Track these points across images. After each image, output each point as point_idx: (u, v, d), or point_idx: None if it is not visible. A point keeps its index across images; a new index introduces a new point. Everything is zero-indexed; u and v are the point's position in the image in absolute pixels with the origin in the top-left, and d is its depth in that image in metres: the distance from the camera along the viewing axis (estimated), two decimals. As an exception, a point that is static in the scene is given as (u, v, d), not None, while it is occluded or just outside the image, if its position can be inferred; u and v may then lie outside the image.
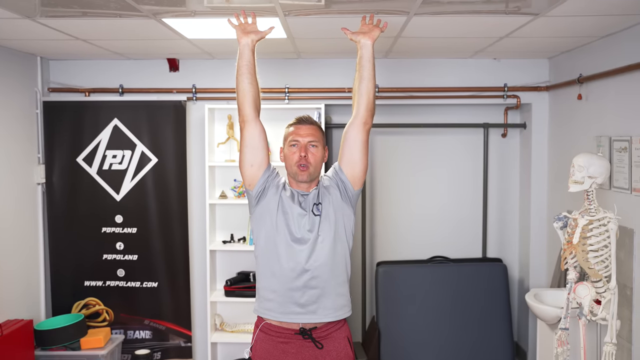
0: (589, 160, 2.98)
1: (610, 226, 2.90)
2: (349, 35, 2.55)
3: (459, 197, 4.99)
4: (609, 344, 2.92)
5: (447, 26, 3.35)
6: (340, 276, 2.50)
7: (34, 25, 3.24)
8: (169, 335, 4.53)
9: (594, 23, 3.23)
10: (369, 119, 2.49)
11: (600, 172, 2.98)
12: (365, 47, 2.50)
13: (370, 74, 2.48)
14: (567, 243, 3.04)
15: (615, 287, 2.91)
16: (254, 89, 2.48)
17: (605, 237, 2.93)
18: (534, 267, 4.66)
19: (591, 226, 2.96)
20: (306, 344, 2.46)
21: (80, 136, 4.43)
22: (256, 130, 2.46)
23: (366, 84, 2.48)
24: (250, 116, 2.46)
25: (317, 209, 2.45)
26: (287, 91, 4.54)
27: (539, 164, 4.62)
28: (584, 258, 2.95)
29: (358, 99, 2.49)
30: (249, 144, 2.47)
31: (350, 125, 2.50)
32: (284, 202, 2.46)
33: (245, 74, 2.45)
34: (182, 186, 4.45)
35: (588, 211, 3.00)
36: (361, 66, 2.50)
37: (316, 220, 2.44)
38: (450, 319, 4.52)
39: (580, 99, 3.98)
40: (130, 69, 4.58)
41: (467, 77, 4.61)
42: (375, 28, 2.54)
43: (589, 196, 3.00)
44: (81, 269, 4.49)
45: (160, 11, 2.96)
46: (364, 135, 2.49)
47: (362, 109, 2.48)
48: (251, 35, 2.49)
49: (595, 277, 2.96)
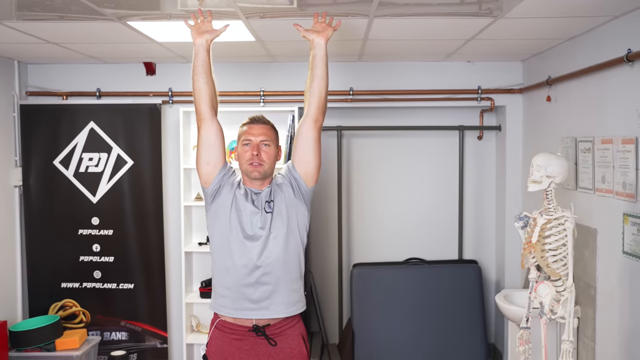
0: (547, 160, 3.01)
1: (567, 225, 2.93)
2: (302, 33, 2.57)
3: (436, 199, 5.03)
4: (566, 341, 2.94)
5: (410, 28, 3.38)
6: (293, 272, 2.52)
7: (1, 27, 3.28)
8: (145, 336, 4.55)
9: (554, 25, 3.27)
10: (320, 117, 2.52)
11: (559, 172, 3.00)
12: (318, 46, 2.52)
13: (323, 72, 2.51)
14: (526, 242, 3.06)
15: (572, 285, 2.94)
16: (210, 88, 2.52)
17: (563, 236, 2.95)
18: (509, 269, 4.69)
19: (549, 225, 2.98)
20: (260, 341, 2.49)
21: (57, 139, 4.47)
22: (213, 128, 2.50)
23: (318, 82, 2.51)
24: (207, 115, 2.50)
25: (269, 206, 2.49)
26: (262, 94, 4.58)
27: (514, 166, 4.66)
28: (542, 257, 2.97)
29: (310, 97, 2.52)
30: (205, 142, 2.51)
31: (302, 124, 2.54)
32: (237, 200, 2.50)
33: (200, 73, 2.50)
34: (157, 188, 4.49)
35: (547, 210, 3.03)
36: (314, 65, 2.52)
37: (268, 218, 2.47)
38: (424, 321, 4.54)
39: (550, 101, 4.02)
40: (108, 72, 4.63)
41: (442, 80, 4.65)
42: (328, 27, 2.56)
43: (548, 195, 3.02)
44: (58, 271, 4.52)
45: (124, 14, 3.00)
46: (315, 132, 2.52)
47: (313, 107, 2.50)
48: (205, 35, 2.53)
49: (553, 275, 2.98)
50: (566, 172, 3.04)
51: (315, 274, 5.06)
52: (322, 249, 5.09)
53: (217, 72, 4.66)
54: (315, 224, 5.08)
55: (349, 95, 4.60)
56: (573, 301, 2.95)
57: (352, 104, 4.65)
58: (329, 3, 2.81)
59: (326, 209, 5.04)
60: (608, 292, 3.24)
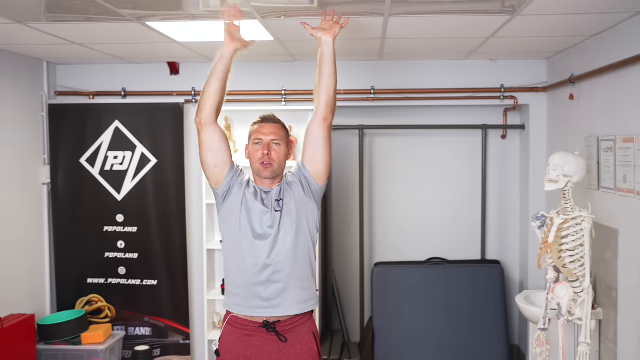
0: (564, 158, 2.97)
1: (585, 225, 2.88)
2: (310, 31, 2.58)
3: (458, 199, 4.98)
4: (583, 343, 2.89)
5: (427, 27, 3.37)
6: (304, 270, 2.54)
7: (27, 30, 3.38)
8: (168, 332, 4.63)
9: (575, 22, 3.22)
10: (329, 115, 2.52)
11: (576, 171, 2.96)
12: (326, 44, 2.52)
13: (331, 70, 2.50)
14: (543, 243, 3.02)
15: (589, 286, 2.89)
16: (221, 95, 2.51)
17: (580, 236, 2.90)
18: (533, 269, 4.61)
19: (567, 225, 2.94)
20: (270, 337, 2.51)
21: (84, 138, 4.58)
22: (215, 133, 2.49)
23: (327, 81, 2.51)
24: (209, 119, 2.47)
25: (278, 205, 2.50)
26: (283, 93, 4.61)
27: (538, 165, 4.58)
28: (558, 257, 2.93)
29: (319, 95, 2.52)
30: (209, 147, 2.49)
31: (311, 123, 2.55)
32: (247, 200, 2.52)
33: (218, 78, 2.47)
34: (180, 186, 4.56)
35: (564, 210, 2.98)
36: (322, 63, 2.52)
37: (277, 216, 2.49)
38: (446, 321, 4.51)
39: (573, 99, 3.95)
40: (133, 72, 4.72)
41: (464, 79, 4.61)
42: (335, 25, 2.56)
43: (565, 195, 2.98)
44: (84, 267, 4.63)
45: (142, 15, 3.06)
46: (325, 131, 2.52)
47: (322, 105, 2.51)
48: (236, 43, 2.51)
49: (570, 276, 2.93)
50: (584, 172, 2.99)
51: (337, 273, 5.07)
52: (344, 248, 5.10)
53: (240, 72, 4.71)
54: (337, 223, 5.09)
55: (371, 94, 4.60)
56: (590, 302, 2.90)
57: (374, 102, 4.65)
58: (346, 2, 2.81)
59: (348, 208, 5.05)
60: (630, 294, 3.17)
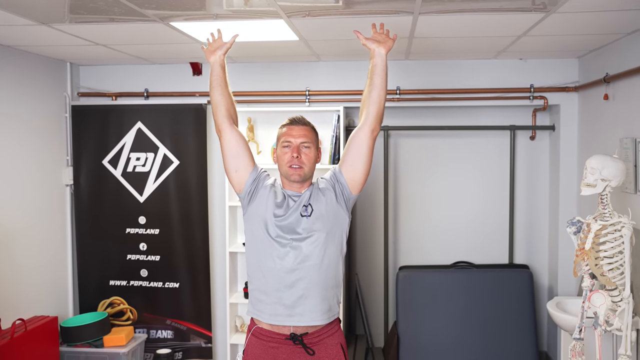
0: (603, 162, 2.85)
1: (624, 232, 2.76)
2: (362, 41, 2.55)
3: (485, 201, 4.87)
4: (623, 355, 2.77)
5: (457, 25, 3.27)
6: (330, 280, 2.46)
7: (51, 31, 3.34)
8: (190, 335, 4.58)
9: (610, 19, 3.10)
10: (377, 127, 2.49)
11: (615, 175, 2.84)
12: (379, 56, 2.50)
13: (383, 82, 2.49)
14: (579, 249, 2.91)
15: (630, 296, 2.77)
16: (226, 100, 2.58)
17: (619, 243, 2.79)
18: (563, 275, 4.49)
19: (605, 231, 2.82)
20: (297, 349, 2.43)
21: (106, 139, 4.55)
22: (233, 137, 2.52)
23: (378, 92, 2.48)
24: (224, 125, 2.53)
25: (306, 210, 2.43)
26: (307, 94, 4.54)
27: (568, 168, 4.46)
28: (596, 265, 2.81)
29: (368, 106, 2.49)
30: (229, 152, 2.54)
31: (358, 130, 2.50)
32: (273, 204, 2.45)
33: (215, 87, 2.58)
34: (202, 188, 4.51)
35: (602, 216, 2.87)
36: (374, 74, 2.50)
37: (305, 222, 2.41)
38: (472, 326, 4.40)
39: (607, 99, 3.82)
40: (156, 73, 4.68)
41: (492, 78, 4.49)
42: (388, 39, 2.55)
43: (603, 200, 2.87)
44: (106, 269, 4.60)
45: (166, 15, 3.00)
46: (370, 142, 2.48)
47: (371, 116, 2.47)
48: (217, 52, 2.62)
49: (609, 284, 2.82)
50: (623, 175, 2.87)
51: (361, 276, 4.99)
52: (368, 251, 5.01)
53: (263, 72, 4.66)
54: (361, 225, 5.01)
55: (396, 95, 4.50)
56: (631, 312, 2.78)
57: (400, 103, 4.55)
58: (374, 0, 2.73)
59: (372, 210, 4.96)
60: (669, 303, 3.04)
